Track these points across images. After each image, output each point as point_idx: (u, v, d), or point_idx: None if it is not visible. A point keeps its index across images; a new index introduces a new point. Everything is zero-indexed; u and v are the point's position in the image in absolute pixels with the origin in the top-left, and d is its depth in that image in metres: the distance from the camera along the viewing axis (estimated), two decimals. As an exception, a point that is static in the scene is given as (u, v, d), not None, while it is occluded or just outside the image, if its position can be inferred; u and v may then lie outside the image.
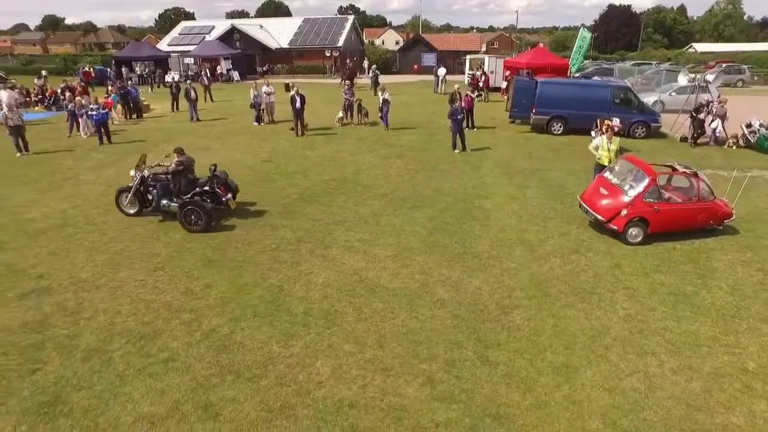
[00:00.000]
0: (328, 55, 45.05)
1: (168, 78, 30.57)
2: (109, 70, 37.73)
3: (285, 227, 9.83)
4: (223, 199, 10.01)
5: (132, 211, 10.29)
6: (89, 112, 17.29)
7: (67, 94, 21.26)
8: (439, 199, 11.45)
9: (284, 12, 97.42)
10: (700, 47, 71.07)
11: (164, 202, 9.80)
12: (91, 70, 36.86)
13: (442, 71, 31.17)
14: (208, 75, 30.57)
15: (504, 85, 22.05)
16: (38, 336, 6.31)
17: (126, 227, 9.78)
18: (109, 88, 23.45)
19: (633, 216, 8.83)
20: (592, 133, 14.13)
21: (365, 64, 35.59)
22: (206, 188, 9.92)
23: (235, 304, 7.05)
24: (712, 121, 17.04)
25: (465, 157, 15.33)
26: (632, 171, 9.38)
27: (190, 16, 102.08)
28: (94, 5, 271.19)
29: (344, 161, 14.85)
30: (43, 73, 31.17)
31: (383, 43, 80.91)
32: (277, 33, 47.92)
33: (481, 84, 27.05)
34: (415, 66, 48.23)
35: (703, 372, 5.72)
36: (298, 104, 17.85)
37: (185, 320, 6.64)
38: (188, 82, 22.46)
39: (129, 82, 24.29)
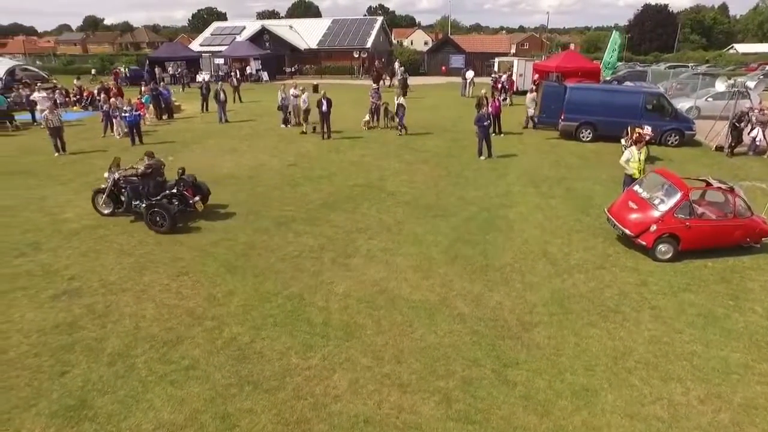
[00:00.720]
0: (356, 56, 45.20)
1: (199, 78, 31.25)
2: (124, 70, 38.55)
3: (308, 234, 9.92)
4: (191, 201, 10.37)
5: (107, 211, 10.71)
6: (122, 114, 17.82)
7: (102, 95, 21.89)
8: (463, 208, 11.35)
9: (314, 12, 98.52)
10: (742, 48, 68.54)
11: (135, 203, 10.22)
12: (127, 70, 38.05)
13: (469, 74, 30.91)
14: (238, 76, 31.11)
15: (532, 88, 21.68)
16: (68, 338, 6.54)
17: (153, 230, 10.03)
18: (142, 89, 24.13)
19: (663, 232, 8.56)
20: (622, 140, 13.79)
21: (396, 65, 35.34)
22: (174, 191, 10.30)
23: (256, 312, 7.15)
24: (752, 129, 16.36)
25: (491, 163, 15.16)
26: (663, 185, 9.11)
27: (222, 16, 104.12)
28: (131, 5, 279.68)
29: (369, 166, 14.88)
30: (93, 71, 32.61)
31: (412, 44, 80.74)
32: (307, 34, 48.41)
33: (506, 86, 26.72)
34: (443, 67, 47.95)
35: (734, 403, 5.49)
36: (324, 107, 17.99)
37: (207, 327, 6.78)
38: (219, 84, 22.88)
39: (162, 83, 24.97)
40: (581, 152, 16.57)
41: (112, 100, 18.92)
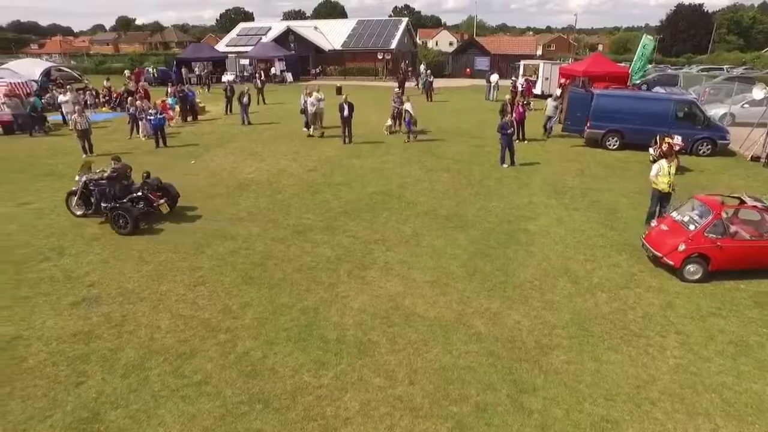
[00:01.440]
0: (380, 57, 45.06)
1: (224, 79, 31.58)
2: (152, 71, 39.22)
3: (325, 244, 9.86)
4: (155, 204, 10.72)
5: (79, 213, 11.12)
6: (147, 117, 18.12)
7: (129, 98, 22.33)
8: (483, 219, 11.13)
9: (340, 11, 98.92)
10: (782, 50, 65.78)
11: (103, 205, 10.57)
12: (155, 70, 38.88)
13: (494, 77, 30.39)
14: (262, 77, 31.29)
15: (558, 93, 21.17)
16: (85, 347, 6.62)
17: (172, 237, 10.13)
18: (169, 89, 24.52)
19: (692, 252, 8.20)
20: (651, 150, 13.35)
21: (422, 67, 34.89)
22: (139, 193, 10.68)
23: (270, 326, 7.12)
24: (790, 139, 15.65)
25: (513, 172, 14.86)
26: (695, 205, 8.76)
27: (249, 16, 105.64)
28: (162, 5, 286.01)
29: (390, 173, 14.76)
30: (127, 73, 34.00)
31: (437, 44, 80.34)
32: (331, 34, 48.49)
33: (524, 91, 26.24)
34: (468, 70, 47.44)
35: (765, 443, 5.21)
36: (346, 112, 17.95)
37: (221, 340, 6.77)
38: (246, 88, 23.06)
39: (188, 84, 25.35)
40: (607, 161, 16.11)
41: (138, 102, 19.26)
